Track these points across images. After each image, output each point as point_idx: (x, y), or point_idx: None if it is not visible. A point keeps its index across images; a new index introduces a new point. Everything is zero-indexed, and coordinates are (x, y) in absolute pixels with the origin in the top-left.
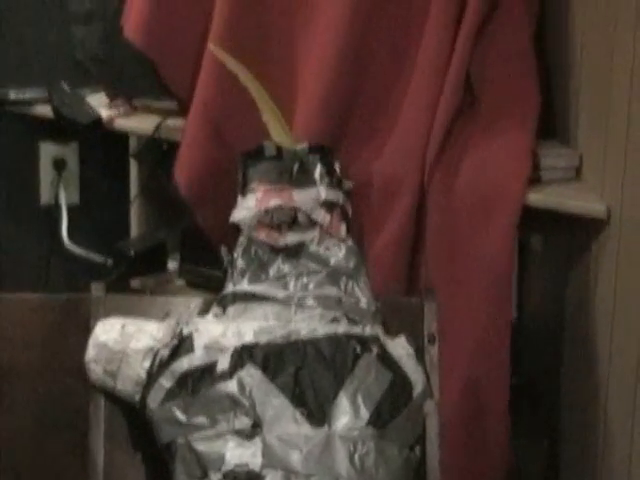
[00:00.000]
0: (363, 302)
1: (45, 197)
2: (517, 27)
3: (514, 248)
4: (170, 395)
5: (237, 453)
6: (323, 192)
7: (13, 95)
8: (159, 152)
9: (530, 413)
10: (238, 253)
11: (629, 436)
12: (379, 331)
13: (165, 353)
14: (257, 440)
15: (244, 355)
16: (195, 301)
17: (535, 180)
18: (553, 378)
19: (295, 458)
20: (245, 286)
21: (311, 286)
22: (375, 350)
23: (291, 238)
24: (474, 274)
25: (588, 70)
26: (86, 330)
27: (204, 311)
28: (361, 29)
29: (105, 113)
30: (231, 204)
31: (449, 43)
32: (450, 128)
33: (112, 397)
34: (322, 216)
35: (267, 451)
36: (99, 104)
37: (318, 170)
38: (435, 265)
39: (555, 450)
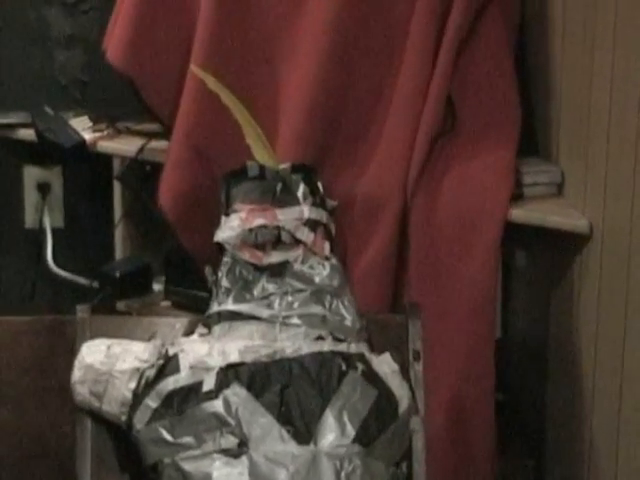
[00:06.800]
0: (348, 320)
1: (30, 221)
2: (497, 47)
3: (498, 266)
4: (156, 415)
5: (224, 472)
6: (306, 211)
7: None
8: (143, 174)
9: (515, 432)
10: (222, 273)
11: (614, 453)
12: (364, 348)
13: (151, 373)
14: (244, 459)
15: (229, 374)
16: (180, 321)
17: (518, 196)
18: (538, 396)
19: (282, 476)
20: (230, 305)
21: (296, 305)
22: (360, 367)
23: (275, 257)
24: (458, 292)
25: (568, 88)
26: (72, 352)
27: (189, 331)
28: (343, 51)
29: (88, 136)
30: (215, 225)
31: (429, 65)
32: (432, 148)
33: (98, 419)
34: (306, 235)
35: (254, 470)
36: (82, 127)
37: (301, 189)
38: (419, 284)
39: (541, 467)
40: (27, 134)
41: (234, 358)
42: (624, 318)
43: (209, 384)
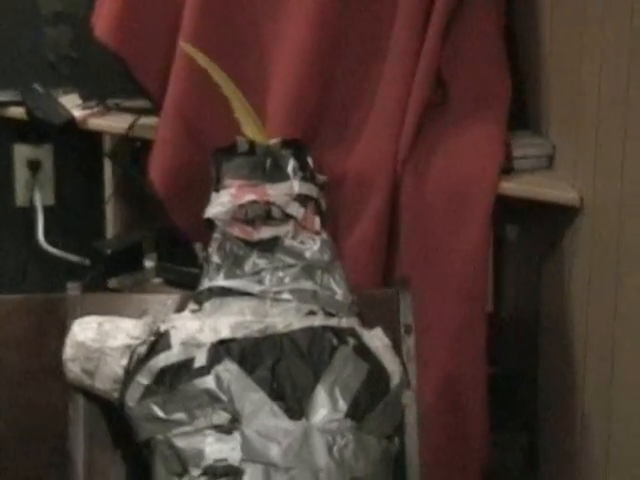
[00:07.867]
0: (339, 294)
1: (20, 199)
2: (486, 21)
3: (489, 239)
4: (148, 392)
5: (216, 448)
6: (297, 186)
7: None
8: (133, 151)
9: (508, 405)
10: (213, 249)
11: (607, 426)
12: (355, 323)
13: (142, 350)
14: (236, 435)
15: (221, 350)
16: (171, 298)
17: (508, 169)
18: (530, 369)
19: (274, 452)
20: (221, 281)
21: (287, 280)
22: (352, 342)
23: (266, 232)
24: (449, 266)
25: (558, 61)
26: (63, 330)
27: (180, 308)
28: (332, 26)
29: (78, 113)
30: (205, 201)
31: (419, 39)
32: (422, 122)
33: (91, 396)
34: (296, 210)
35: (246, 445)
36: (72, 105)
37: (291, 164)
38: (410, 258)
39: (534, 442)
40: (17, 112)
41: (225, 334)
42: (615, 290)
43: (200, 360)
